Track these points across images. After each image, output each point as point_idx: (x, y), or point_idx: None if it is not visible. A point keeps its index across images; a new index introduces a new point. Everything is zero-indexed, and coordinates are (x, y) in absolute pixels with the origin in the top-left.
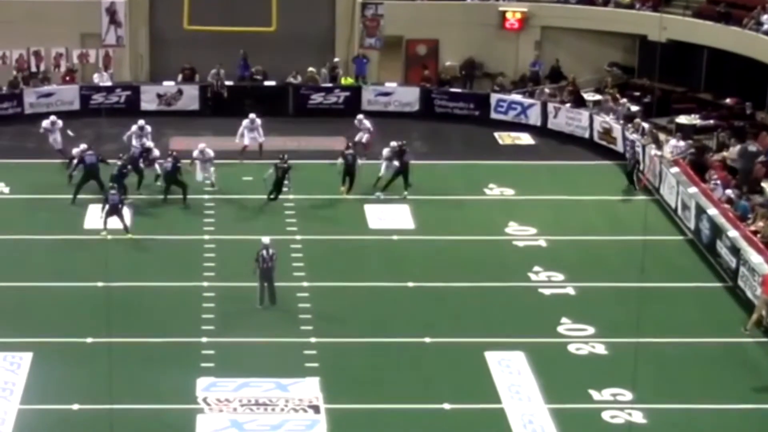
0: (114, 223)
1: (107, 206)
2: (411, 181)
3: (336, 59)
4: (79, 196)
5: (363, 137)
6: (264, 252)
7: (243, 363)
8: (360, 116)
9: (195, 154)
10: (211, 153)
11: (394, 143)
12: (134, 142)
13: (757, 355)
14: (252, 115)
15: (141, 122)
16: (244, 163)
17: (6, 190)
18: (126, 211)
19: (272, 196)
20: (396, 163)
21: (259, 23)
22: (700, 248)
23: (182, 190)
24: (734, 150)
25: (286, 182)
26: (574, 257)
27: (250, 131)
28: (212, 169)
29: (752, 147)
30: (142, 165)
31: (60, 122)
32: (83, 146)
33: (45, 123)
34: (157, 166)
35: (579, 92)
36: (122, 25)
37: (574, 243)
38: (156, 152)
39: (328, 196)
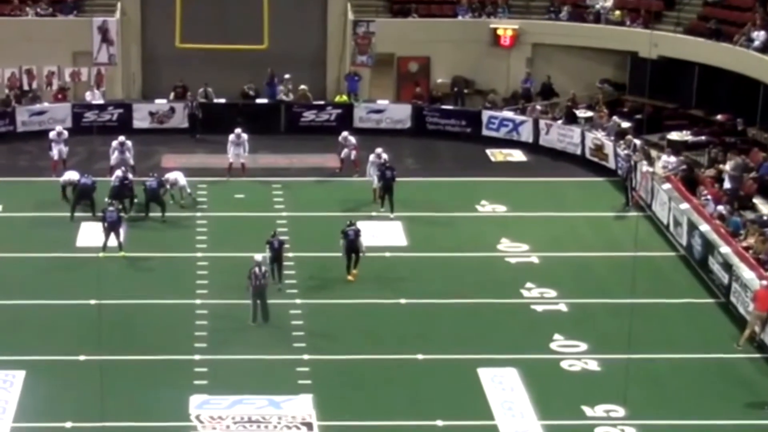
0: (111, 240)
1: (106, 224)
2: (400, 198)
3: (286, 75)
4: (76, 214)
5: (351, 154)
6: (256, 269)
7: (236, 380)
8: (345, 133)
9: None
10: (181, 182)
11: (378, 149)
12: (114, 157)
13: (749, 371)
14: (237, 130)
15: (121, 138)
16: (230, 181)
17: None
18: (122, 229)
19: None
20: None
21: (251, 41)
22: (693, 264)
23: (161, 208)
24: (730, 164)
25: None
26: (567, 274)
27: (235, 146)
28: (185, 192)
29: (739, 160)
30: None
31: (66, 133)
32: (72, 173)
33: (51, 134)
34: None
35: (575, 108)
36: (114, 43)
37: (566, 259)
38: (130, 176)
39: (321, 213)
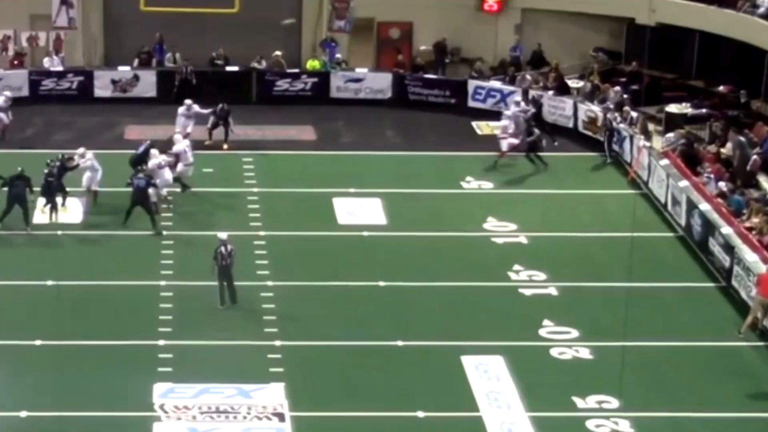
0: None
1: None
2: (379, 174)
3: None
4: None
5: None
6: (222, 248)
7: (203, 367)
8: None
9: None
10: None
11: (517, 98)
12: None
13: (752, 360)
14: (188, 102)
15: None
16: (198, 154)
17: None
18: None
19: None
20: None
21: (221, 4)
22: (692, 246)
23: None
24: (729, 146)
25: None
26: (557, 255)
27: (187, 119)
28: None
29: (742, 138)
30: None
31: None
32: None
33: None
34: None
35: (563, 79)
36: (74, 5)
37: (556, 240)
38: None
39: (295, 189)
